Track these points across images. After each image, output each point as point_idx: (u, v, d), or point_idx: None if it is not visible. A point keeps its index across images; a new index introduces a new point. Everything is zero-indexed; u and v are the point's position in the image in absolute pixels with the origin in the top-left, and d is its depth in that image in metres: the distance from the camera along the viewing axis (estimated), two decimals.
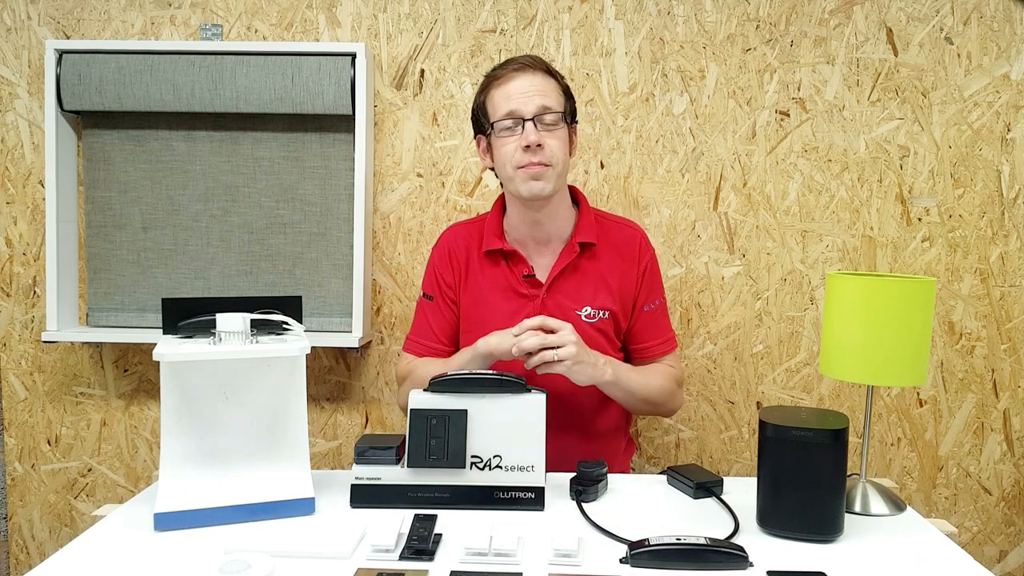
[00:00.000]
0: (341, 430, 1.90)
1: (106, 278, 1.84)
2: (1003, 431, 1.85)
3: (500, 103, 1.35)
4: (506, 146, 1.35)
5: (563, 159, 1.36)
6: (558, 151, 1.34)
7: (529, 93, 1.33)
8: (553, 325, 1.25)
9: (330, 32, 1.80)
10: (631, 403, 1.40)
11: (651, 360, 1.47)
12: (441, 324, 1.48)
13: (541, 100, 1.33)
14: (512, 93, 1.33)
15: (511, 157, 1.34)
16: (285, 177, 1.81)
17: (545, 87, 1.35)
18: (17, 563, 1.94)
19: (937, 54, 1.77)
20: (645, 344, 1.46)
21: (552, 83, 1.37)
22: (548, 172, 1.34)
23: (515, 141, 1.33)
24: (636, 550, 0.95)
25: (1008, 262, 1.81)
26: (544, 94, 1.34)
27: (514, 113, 1.33)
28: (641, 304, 1.45)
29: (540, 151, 1.32)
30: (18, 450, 1.90)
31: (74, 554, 0.96)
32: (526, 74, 1.34)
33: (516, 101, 1.33)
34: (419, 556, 0.96)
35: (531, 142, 1.31)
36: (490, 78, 1.38)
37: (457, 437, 1.11)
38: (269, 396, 1.08)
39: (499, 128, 1.35)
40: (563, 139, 1.36)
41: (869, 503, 1.16)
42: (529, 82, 1.34)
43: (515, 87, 1.34)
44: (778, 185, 1.81)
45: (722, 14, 1.78)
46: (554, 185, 1.35)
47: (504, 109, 1.34)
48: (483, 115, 1.39)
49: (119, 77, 1.72)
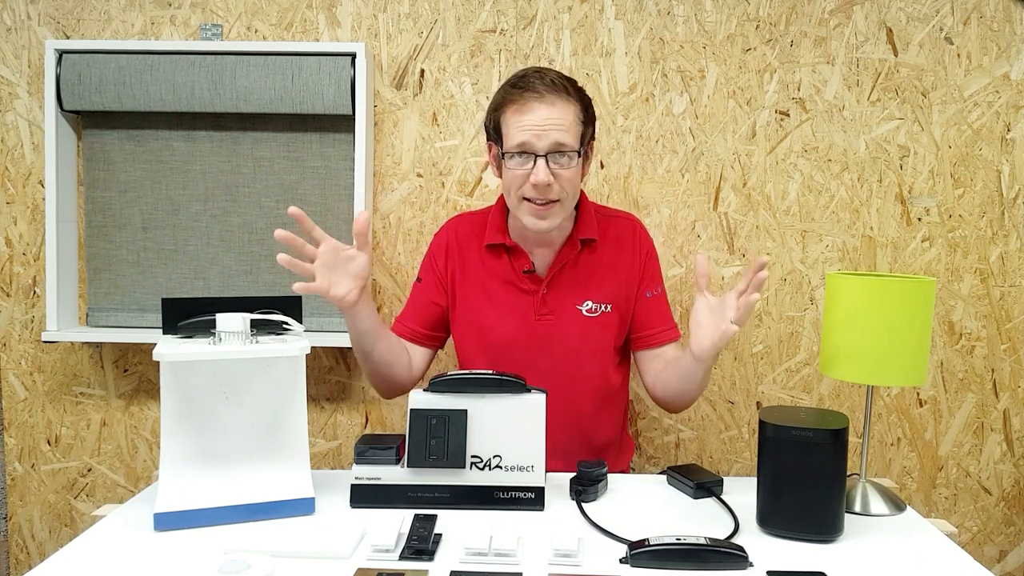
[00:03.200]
0: (341, 430, 1.90)
1: (106, 278, 1.84)
2: (1003, 431, 1.85)
3: (513, 131, 1.28)
4: (515, 173, 1.29)
5: (573, 192, 1.32)
6: (568, 187, 1.29)
7: (545, 127, 1.26)
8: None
9: (330, 32, 1.80)
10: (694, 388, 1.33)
11: (655, 347, 1.43)
12: (427, 308, 1.47)
13: (556, 136, 1.26)
14: (527, 124, 1.26)
15: (518, 187, 1.30)
16: (285, 177, 1.81)
17: (563, 119, 1.27)
18: (17, 563, 1.94)
19: (937, 54, 1.77)
20: (651, 331, 1.43)
21: (571, 110, 1.28)
22: (555, 209, 1.30)
23: (524, 174, 1.28)
24: (636, 550, 0.95)
25: (1008, 262, 1.81)
26: (561, 127, 1.26)
27: (526, 146, 1.27)
28: (643, 291, 1.44)
29: (548, 190, 1.27)
30: (18, 450, 1.90)
31: (74, 554, 0.96)
32: (545, 103, 1.26)
33: (531, 134, 1.26)
34: (419, 556, 0.96)
35: (540, 182, 1.26)
36: (507, 98, 1.30)
37: (457, 437, 1.11)
38: (269, 396, 1.08)
39: (509, 156, 1.29)
40: (575, 174, 1.30)
41: (869, 503, 1.16)
42: (547, 113, 1.26)
43: (532, 118, 1.26)
44: (778, 185, 1.81)
45: (722, 14, 1.78)
46: (559, 220, 1.32)
47: (516, 139, 1.27)
48: (495, 131, 1.33)
49: (119, 77, 1.72)
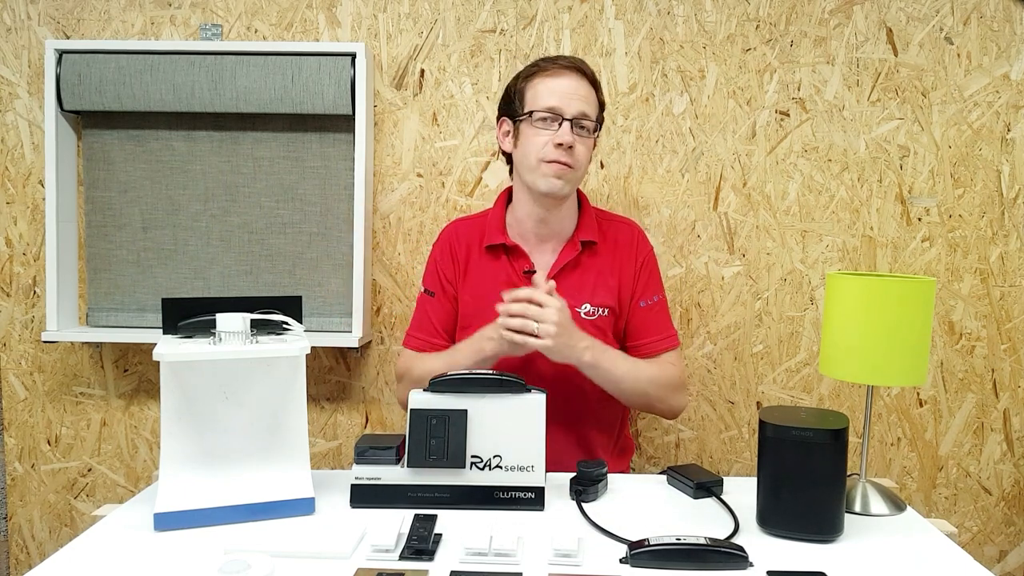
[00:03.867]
0: (341, 430, 1.90)
1: (106, 278, 1.84)
2: (1003, 431, 1.85)
3: (543, 95, 1.36)
4: (538, 137, 1.36)
5: (585, 165, 1.41)
6: (583, 157, 1.38)
7: (574, 96, 1.36)
8: (541, 299, 1.25)
9: (330, 32, 1.80)
10: (618, 392, 1.37)
11: (649, 357, 1.44)
12: (442, 319, 1.48)
13: (582, 106, 1.36)
14: (558, 89, 1.36)
15: (540, 149, 1.36)
16: (285, 177, 1.81)
17: (588, 95, 1.38)
18: (17, 563, 1.94)
19: (937, 54, 1.77)
20: (643, 340, 1.45)
21: (593, 93, 1.40)
22: (571, 174, 1.37)
23: (548, 135, 1.35)
24: (636, 550, 0.95)
25: (1008, 262, 1.81)
26: (587, 101, 1.37)
27: (555, 110, 1.35)
28: (638, 300, 1.45)
29: (570, 153, 1.35)
30: (18, 450, 1.90)
31: (74, 554, 0.96)
32: (575, 76, 1.37)
33: (560, 98, 1.35)
34: (419, 556, 0.96)
35: (565, 142, 1.34)
36: (538, 67, 1.39)
37: (457, 437, 1.11)
38: (269, 396, 1.08)
39: (536, 118, 1.36)
40: (589, 147, 1.40)
41: (869, 503, 1.16)
42: (576, 84, 1.37)
43: (562, 84, 1.36)
44: (778, 185, 1.81)
45: (722, 14, 1.78)
46: (571, 188, 1.40)
47: (547, 102, 1.36)
48: (519, 100, 1.40)
49: (119, 77, 1.72)
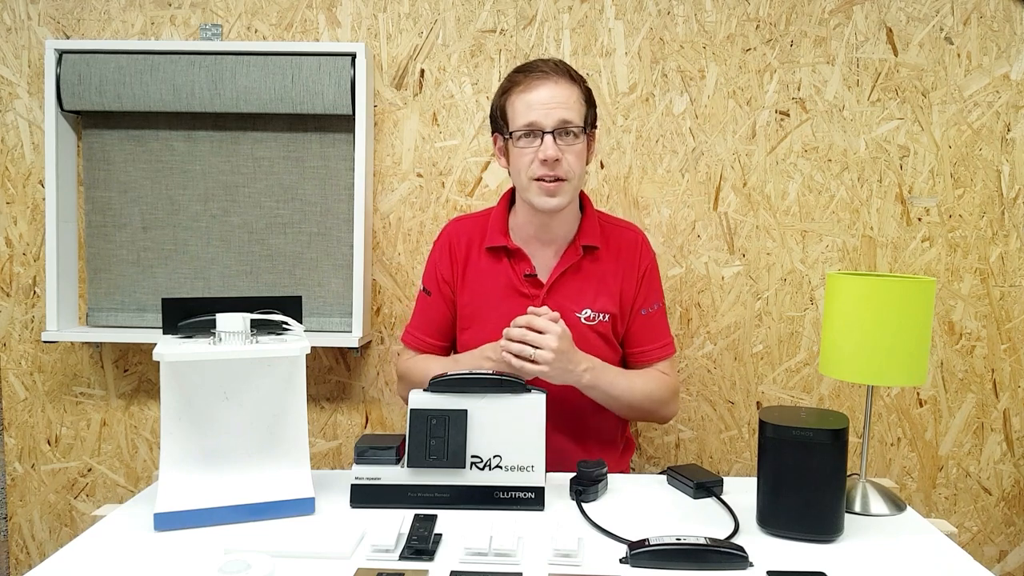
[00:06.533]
0: (341, 430, 1.90)
1: (106, 278, 1.84)
2: (1003, 431, 1.85)
3: (520, 111, 1.32)
4: (523, 156, 1.33)
5: (579, 173, 1.35)
6: (575, 165, 1.33)
7: (550, 105, 1.31)
8: (540, 326, 1.25)
9: (330, 32, 1.80)
10: (615, 407, 1.39)
11: (646, 364, 1.45)
12: (436, 319, 1.48)
13: (562, 113, 1.31)
14: (533, 103, 1.31)
15: (527, 168, 1.33)
16: (285, 177, 1.81)
17: (567, 98, 1.32)
18: (17, 563, 1.94)
19: (937, 54, 1.77)
20: (641, 348, 1.46)
21: (575, 92, 1.34)
22: (563, 187, 1.33)
23: (532, 152, 1.32)
24: (636, 550, 0.95)
25: (1008, 262, 1.81)
26: (566, 106, 1.31)
27: (534, 125, 1.31)
28: (639, 307, 1.45)
29: (557, 166, 1.31)
30: (18, 450, 1.90)
31: (74, 554, 0.96)
32: (548, 83, 1.32)
33: (537, 112, 1.31)
34: (419, 556, 0.96)
35: (549, 157, 1.30)
36: (511, 82, 1.35)
37: (457, 437, 1.11)
38: (269, 396, 1.08)
39: (517, 137, 1.33)
40: (581, 152, 1.34)
41: (869, 503, 1.16)
42: (551, 92, 1.31)
43: (538, 96, 1.31)
44: (778, 185, 1.81)
45: (722, 14, 1.78)
46: (568, 198, 1.36)
47: (524, 119, 1.32)
48: (502, 118, 1.37)
49: (119, 77, 1.72)
